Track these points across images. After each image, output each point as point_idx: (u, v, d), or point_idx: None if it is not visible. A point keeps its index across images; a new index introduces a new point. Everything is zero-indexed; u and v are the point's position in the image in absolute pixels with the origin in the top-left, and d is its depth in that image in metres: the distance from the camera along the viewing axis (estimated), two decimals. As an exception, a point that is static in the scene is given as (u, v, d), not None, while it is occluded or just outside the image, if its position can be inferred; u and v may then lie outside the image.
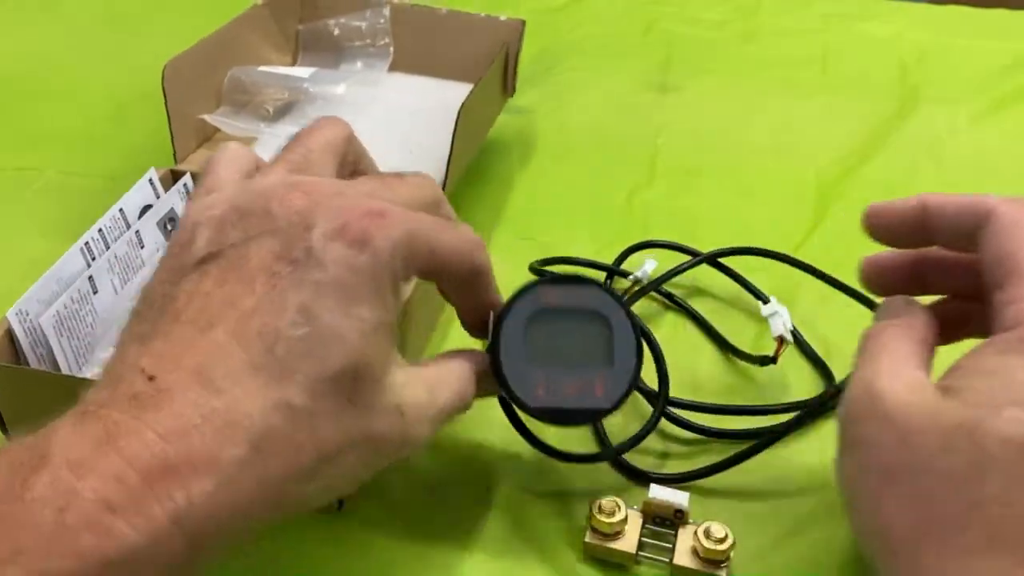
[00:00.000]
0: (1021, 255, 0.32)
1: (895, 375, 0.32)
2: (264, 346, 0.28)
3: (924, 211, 0.36)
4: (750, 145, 0.69)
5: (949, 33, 0.83)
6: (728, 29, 0.85)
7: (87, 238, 0.44)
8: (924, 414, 0.30)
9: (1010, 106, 0.73)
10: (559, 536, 0.40)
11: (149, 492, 0.25)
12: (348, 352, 0.29)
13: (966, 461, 0.29)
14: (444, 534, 0.40)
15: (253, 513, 0.28)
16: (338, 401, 0.29)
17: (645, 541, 0.39)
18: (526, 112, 0.71)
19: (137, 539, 0.25)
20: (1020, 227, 0.33)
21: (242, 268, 0.29)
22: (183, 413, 0.27)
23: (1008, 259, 0.32)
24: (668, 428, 0.45)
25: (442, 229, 0.34)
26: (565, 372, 0.37)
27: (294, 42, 0.68)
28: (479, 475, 0.43)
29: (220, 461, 0.27)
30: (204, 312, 0.29)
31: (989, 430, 0.29)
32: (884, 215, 0.37)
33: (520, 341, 0.37)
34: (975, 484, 0.28)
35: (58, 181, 0.61)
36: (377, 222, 0.31)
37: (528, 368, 0.37)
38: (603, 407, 0.37)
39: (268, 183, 0.32)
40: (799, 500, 0.42)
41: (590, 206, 0.61)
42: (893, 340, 0.34)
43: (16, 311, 0.40)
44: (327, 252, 0.29)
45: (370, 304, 0.30)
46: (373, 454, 0.31)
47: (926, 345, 0.35)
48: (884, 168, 0.66)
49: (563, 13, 0.87)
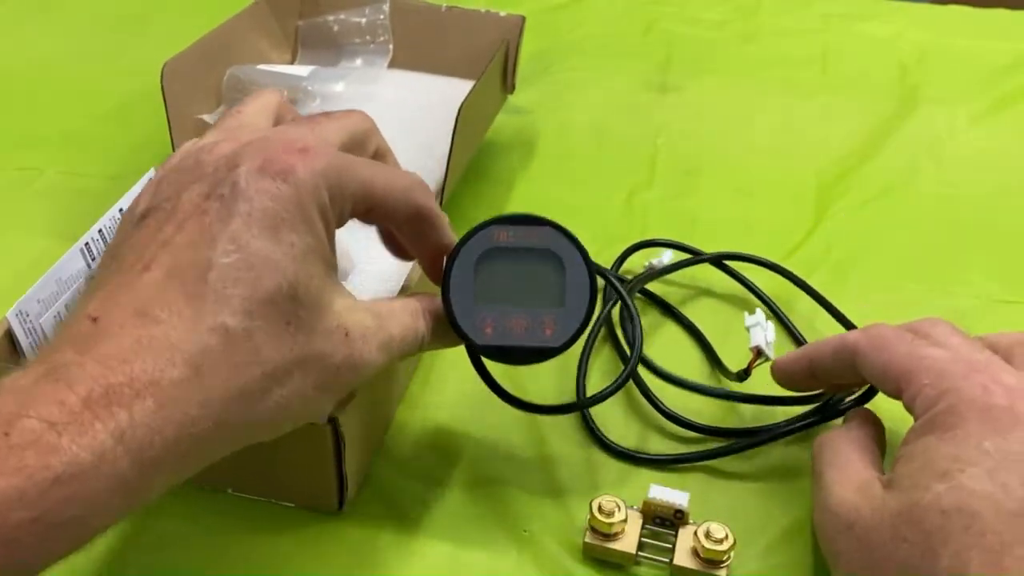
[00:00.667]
0: (894, 363, 0.37)
1: (845, 482, 0.36)
2: (197, 276, 0.29)
3: (810, 362, 0.41)
4: (750, 145, 0.69)
5: (949, 33, 0.84)
6: (728, 29, 0.85)
7: (87, 238, 0.44)
8: (872, 511, 0.33)
9: (1010, 106, 0.73)
10: (559, 536, 0.40)
11: (91, 413, 0.26)
12: (279, 274, 0.30)
13: (916, 544, 0.31)
14: (443, 534, 0.40)
15: (200, 434, 0.28)
16: (276, 322, 0.30)
17: (645, 541, 0.39)
18: (526, 112, 0.71)
19: (82, 456, 0.25)
20: (880, 348, 0.38)
21: (175, 214, 0.31)
22: (123, 343, 0.28)
23: (887, 371, 0.37)
24: (669, 427, 0.45)
25: (371, 165, 0.35)
26: (514, 311, 0.37)
27: (293, 39, 0.68)
28: (479, 475, 0.43)
29: (160, 383, 0.27)
30: (141, 257, 0.30)
31: (926, 509, 0.31)
32: (784, 370, 0.43)
33: (470, 280, 0.37)
34: (929, 562, 0.30)
35: (58, 181, 0.61)
36: (300, 156, 0.32)
37: (477, 306, 0.37)
38: (551, 346, 0.37)
39: (201, 143, 0.34)
40: (799, 500, 0.42)
41: (590, 206, 0.61)
42: (835, 450, 0.38)
43: (16, 311, 0.40)
44: (251, 185, 0.31)
45: (298, 232, 0.31)
46: (322, 374, 0.32)
47: (870, 442, 0.38)
48: (884, 168, 0.66)
49: (563, 13, 0.86)
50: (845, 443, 0.38)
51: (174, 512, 0.40)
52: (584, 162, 0.66)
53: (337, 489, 0.40)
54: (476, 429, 0.45)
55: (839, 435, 0.39)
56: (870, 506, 0.34)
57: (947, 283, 0.55)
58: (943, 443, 0.33)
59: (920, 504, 0.31)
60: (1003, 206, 0.62)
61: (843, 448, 0.38)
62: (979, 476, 0.31)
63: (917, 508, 0.31)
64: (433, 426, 0.45)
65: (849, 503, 0.35)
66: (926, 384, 0.35)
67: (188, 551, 0.39)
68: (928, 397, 0.34)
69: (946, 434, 0.33)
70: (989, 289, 0.55)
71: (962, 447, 0.32)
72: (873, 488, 0.34)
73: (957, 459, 0.32)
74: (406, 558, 0.39)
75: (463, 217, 0.58)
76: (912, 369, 0.36)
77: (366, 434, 0.41)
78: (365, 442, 0.41)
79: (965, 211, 0.61)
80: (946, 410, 0.34)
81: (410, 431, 0.45)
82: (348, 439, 0.38)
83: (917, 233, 0.59)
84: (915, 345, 0.37)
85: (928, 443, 0.33)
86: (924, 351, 0.36)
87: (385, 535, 0.40)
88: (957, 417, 0.33)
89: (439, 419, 0.45)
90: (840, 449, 0.38)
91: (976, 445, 0.32)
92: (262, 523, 0.40)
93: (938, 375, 0.35)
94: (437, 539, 0.40)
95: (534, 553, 0.39)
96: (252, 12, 0.64)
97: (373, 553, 0.39)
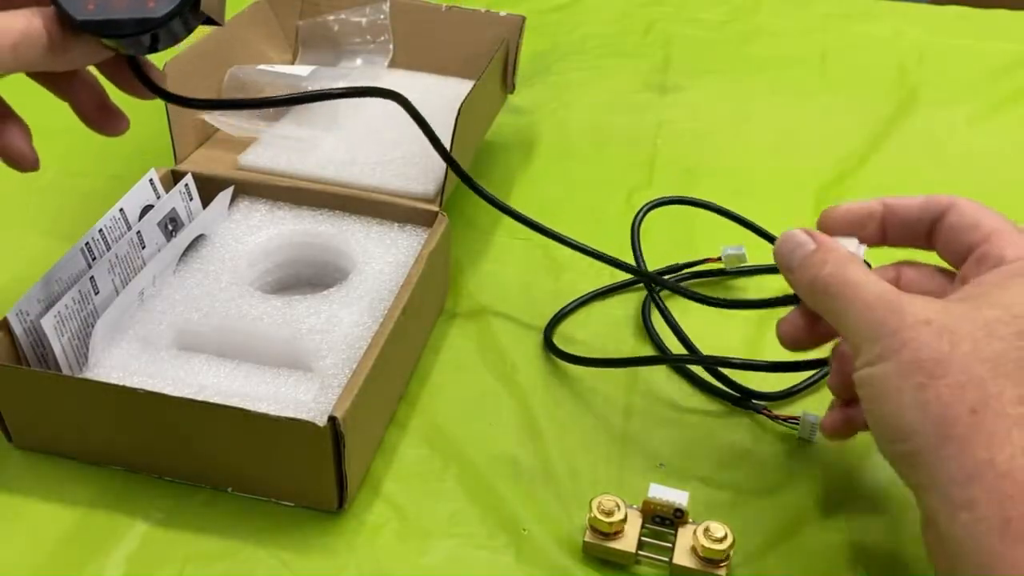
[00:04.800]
0: (987, 219, 0.37)
1: (893, 292, 0.34)
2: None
3: (887, 208, 0.40)
4: (749, 145, 0.69)
5: (949, 33, 0.84)
6: (728, 29, 0.85)
7: (87, 239, 0.44)
8: (960, 316, 0.32)
9: (1010, 106, 0.73)
10: (559, 536, 0.40)
11: None
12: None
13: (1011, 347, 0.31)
14: (443, 534, 0.40)
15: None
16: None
17: (645, 540, 0.39)
18: (526, 112, 0.71)
19: None
20: (978, 206, 0.38)
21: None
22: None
23: (978, 225, 0.37)
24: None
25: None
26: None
27: (294, 39, 0.68)
28: (478, 475, 0.43)
29: None
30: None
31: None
32: (843, 212, 0.40)
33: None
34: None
35: (59, 181, 0.61)
36: None
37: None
38: (154, 16, 0.36)
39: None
40: (799, 500, 0.42)
41: (590, 206, 0.61)
42: (861, 270, 0.36)
43: (16, 311, 0.40)
44: None
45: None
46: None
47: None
48: (883, 168, 0.66)
49: (563, 13, 0.87)
50: (859, 262, 0.36)
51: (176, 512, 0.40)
52: (584, 162, 0.66)
53: (337, 488, 0.40)
54: (475, 428, 0.45)
55: (849, 253, 0.37)
56: (953, 307, 0.33)
57: (947, 283, 0.55)
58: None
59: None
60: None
61: (861, 267, 0.36)
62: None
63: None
64: (432, 425, 0.45)
65: (920, 303, 0.33)
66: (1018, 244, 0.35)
67: (188, 550, 0.39)
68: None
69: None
70: (988, 289, 0.54)
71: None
72: (934, 300, 0.33)
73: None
74: (406, 558, 0.39)
75: (463, 217, 0.58)
76: (1003, 228, 0.36)
77: (366, 433, 0.41)
78: (365, 441, 0.41)
79: (965, 211, 0.61)
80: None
81: (409, 430, 0.45)
82: (348, 438, 0.38)
83: (917, 233, 0.59)
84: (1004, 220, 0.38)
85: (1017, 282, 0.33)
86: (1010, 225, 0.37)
87: (385, 535, 0.40)
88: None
89: (438, 418, 0.45)
90: (862, 267, 0.36)
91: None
92: (261, 523, 0.40)
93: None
94: (437, 539, 0.40)
95: (534, 553, 0.39)
96: (252, 12, 0.64)
97: (373, 553, 0.39)
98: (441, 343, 0.50)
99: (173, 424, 0.40)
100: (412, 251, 0.50)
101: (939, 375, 0.31)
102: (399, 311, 0.43)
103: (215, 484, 0.41)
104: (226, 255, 0.50)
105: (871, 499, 0.42)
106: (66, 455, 0.42)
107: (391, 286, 0.48)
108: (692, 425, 0.45)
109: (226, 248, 0.50)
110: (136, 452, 0.41)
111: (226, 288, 0.47)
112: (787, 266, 0.38)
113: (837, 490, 0.42)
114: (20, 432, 0.42)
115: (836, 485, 0.43)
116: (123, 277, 0.45)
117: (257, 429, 0.38)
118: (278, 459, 0.39)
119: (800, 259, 0.37)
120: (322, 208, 0.52)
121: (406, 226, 0.52)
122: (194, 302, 0.46)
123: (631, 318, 0.52)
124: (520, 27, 0.63)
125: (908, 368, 0.31)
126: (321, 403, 0.41)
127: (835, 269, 0.36)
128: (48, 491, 0.41)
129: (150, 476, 0.42)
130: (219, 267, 0.49)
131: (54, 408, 0.41)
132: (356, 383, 0.39)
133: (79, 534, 0.39)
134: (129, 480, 0.41)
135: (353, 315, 0.46)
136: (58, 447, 0.42)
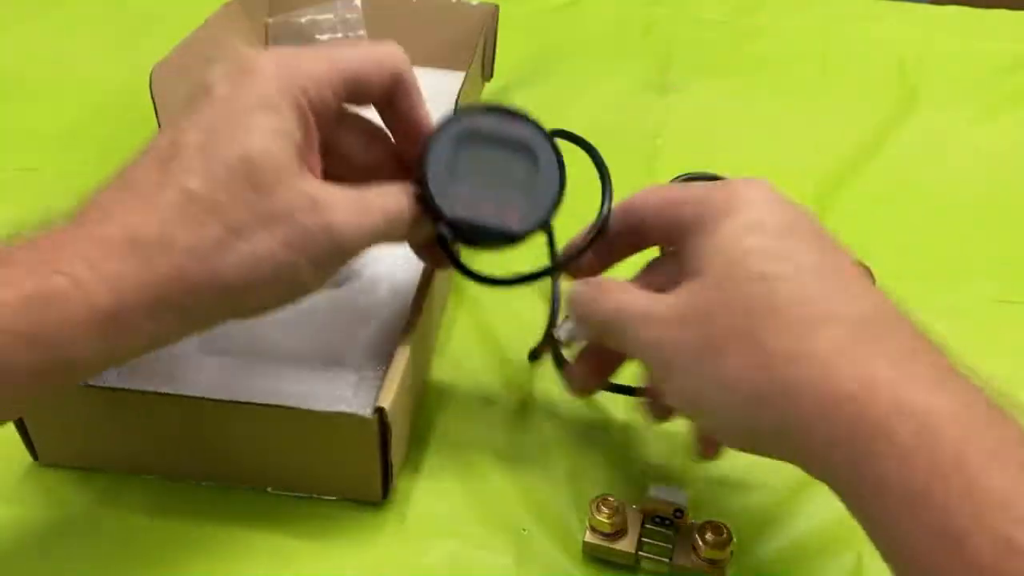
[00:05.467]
0: (647, 219, 0.39)
1: (640, 297, 0.36)
2: (169, 154, 0.33)
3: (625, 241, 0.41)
4: (749, 145, 0.69)
5: (949, 33, 0.83)
6: (728, 29, 0.85)
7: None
8: (689, 295, 0.34)
9: (1010, 106, 0.73)
10: (559, 536, 0.40)
11: (71, 251, 0.31)
12: (241, 147, 0.33)
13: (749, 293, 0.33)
14: (443, 534, 0.40)
15: (167, 283, 0.32)
16: (239, 186, 0.33)
17: (645, 541, 0.39)
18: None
19: (65, 284, 0.30)
20: (640, 203, 0.40)
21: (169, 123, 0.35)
22: (102, 201, 0.34)
23: (662, 210, 0.39)
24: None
25: (346, 44, 0.38)
26: (485, 192, 0.38)
27: (264, 36, 0.68)
28: (478, 474, 0.43)
29: (134, 237, 0.32)
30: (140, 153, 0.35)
31: (739, 268, 0.33)
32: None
33: (447, 158, 0.38)
34: (772, 299, 0.32)
35: (58, 181, 0.61)
36: (264, 55, 0.35)
37: (450, 183, 0.38)
38: (514, 230, 0.38)
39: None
40: (799, 499, 0.42)
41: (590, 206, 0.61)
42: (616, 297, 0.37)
43: None
44: (217, 80, 0.35)
45: (262, 113, 0.34)
46: (289, 233, 0.33)
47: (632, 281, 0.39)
48: (883, 168, 0.66)
49: (563, 13, 0.87)
50: (616, 286, 0.38)
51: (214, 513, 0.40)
52: (584, 162, 0.66)
53: (382, 479, 0.40)
54: (475, 428, 0.45)
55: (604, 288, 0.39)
56: (682, 296, 0.34)
57: (947, 282, 0.55)
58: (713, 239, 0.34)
59: (736, 262, 0.33)
60: (1003, 206, 0.62)
61: (615, 287, 0.38)
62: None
63: (733, 267, 0.33)
64: (432, 426, 0.45)
65: (656, 304, 0.35)
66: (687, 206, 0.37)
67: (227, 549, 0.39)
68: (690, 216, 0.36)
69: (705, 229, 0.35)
70: (989, 289, 0.55)
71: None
72: (665, 292, 0.35)
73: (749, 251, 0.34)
74: (405, 558, 0.39)
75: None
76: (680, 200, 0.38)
77: (406, 422, 0.42)
78: (404, 430, 0.42)
79: (964, 211, 0.61)
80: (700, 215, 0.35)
81: (413, 431, 0.45)
82: (394, 428, 0.38)
83: (916, 233, 0.59)
84: (674, 188, 0.40)
85: (698, 244, 0.35)
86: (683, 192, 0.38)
87: (385, 535, 0.40)
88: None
89: (438, 419, 0.45)
90: (618, 292, 0.38)
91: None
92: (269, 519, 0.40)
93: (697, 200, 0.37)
94: (437, 539, 0.40)
95: (534, 553, 0.39)
96: (227, 12, 0.64)
97: (373, 552, 0.39)
98: (441, 343, 0.50)
99: (213, 428, 0.40)
100: None
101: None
102: (424, 300, 0.43)
103: (254, 484, 0.41)
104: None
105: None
106: (95, 469, 0.42)
107: (408, 277, 0.48)
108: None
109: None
110: (171, 459, 0.41)
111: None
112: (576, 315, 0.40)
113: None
114: (47, 449, 0.42)
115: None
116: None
117: (304, 426, 0.39)
118: (324, 454, 0.40)
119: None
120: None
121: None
122: None
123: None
124: (494, 15, 0.63)
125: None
126: (360, 396, 0.42)
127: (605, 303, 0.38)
128: (85, 504, 0.41)
129: (185, 482, 0.42)
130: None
131: (84, 421, 0.41)
132: (396, 373, 0.39)
133: (118, 546, 0.39)
134: (163, 487, 0.41)
135: (376, 307, 0.46)
136: (87, 461, 0.42)
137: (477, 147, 0.38)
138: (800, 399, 0.31)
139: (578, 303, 0.39)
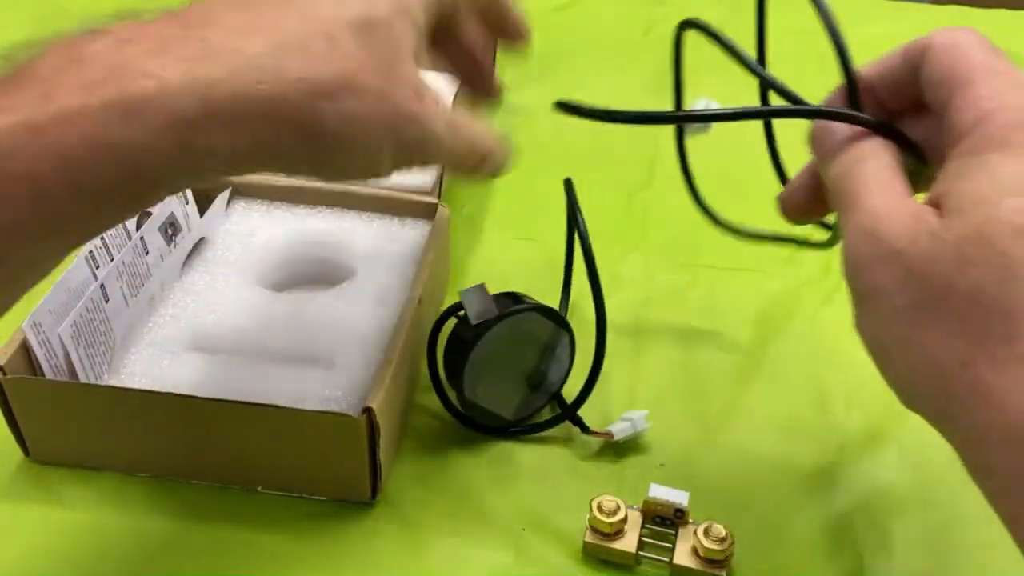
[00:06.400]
0: (958, 67, 0.33)
1: (892, 211, 0.31)
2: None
3: (868, 80, 0.40)
4: (750, 145, 0.68)
5: (949, 33, 0.83)
6: (728, 29, 0.85)
7: (91, 247, 0.44)
8: (931, 236, 0.29)
9: (1010, 106, 0.73)
10: (559, 536, 0.40)
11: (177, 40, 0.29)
12: (365, 6, 0.32)
13: (987, 269, 0.28)
14: (443, 533, 0.40)
15: (271, 113, 0.30)
16: (355, 39, 0.31)
17: (645, 541, 0.39)
18: (526, 112, 0.71)
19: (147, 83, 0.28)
20: (952, 48, 0.35)
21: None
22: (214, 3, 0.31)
23: (949, 77, 0.33)
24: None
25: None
26: (500, 381, 0.42)
27: None
28: (478, 474, 0.43)
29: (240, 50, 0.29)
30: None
31: (997, 228, 0.28)
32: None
33: (481, 352, 0.42)
34: (1006, 288, 0.27)
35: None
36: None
37: (473, 371, 0.42)
38: (507, 418, 0.44)
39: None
40: (799, 500, 0.42)
41: (590, 206, 0.61)
42: (874, 174, 0.33)
43: (31, 323, 0.40)
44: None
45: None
46: (389, 110, 0.32)
47: (899, 168, 0.34)
48: (884, 168, 0.66)
49: (563, 13, 0.86)
50: (883, 165, 0.33)
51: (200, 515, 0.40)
52: (584, 162, 0.66)
53: (371, 479, 0.40)
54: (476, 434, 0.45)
55: (874, 154, 0.34)
56: (927, 230, 0.29)
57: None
58: (1009, 160, 0.29)
59: (989, 224, 0.28)
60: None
61: (882, 171, 0.33)
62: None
63: (987, 228, 0.28)
64: (431, 427, 0.45)
65: (901, 229, 0.30)
66: (984, 97, 0.31)
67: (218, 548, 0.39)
68: (985, 111, 0.31)
69: (1011, 150, 0.29)
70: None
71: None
72: (926, 215, 0.30)
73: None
74: (405, 557, 0.39)
75: (462, 216, 0.58)
76: (976, 78, 0.32)
77: (394, 422, 0.42)
78: (393, 430, 0.42)
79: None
80: (1008, 124, 0.30)
81: (408, 430, 0.45)
82: (382, 428, 0.38)
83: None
84: (991, 55, 0.33)
85: (987, 160, 0.30)
86: (999, 64, 0.33)
87: (384, 535, 0.40)
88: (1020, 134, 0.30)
89: (437, 420, 0.45)
90: (879, 171, 0.33)
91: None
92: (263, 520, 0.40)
93: (1000, 90, 0.31)
94: (437, 538, 0.40)
95: (534, 553, 0.39)
96: None
97: (373, 552, 0.39)
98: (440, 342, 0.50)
99: (204, 426, 0.40)
100: (414, 243, 0.50)
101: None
102: (416, 301, 0.43)
103: (244, 484, 0.41)
104: (230, 257, 0.50)
105: (873, 498, 0.42)
106: (86, 466, 0.42)
107: (399, 278, 0.48)
108: (692, 425, 0.45)
109: (229, 250, 0.50)
110: (162, 458, 0.41)
111: (236, 289, 0.48)
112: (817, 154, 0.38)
113: (838, 488, 0.42)
114: (38, 445, 0.42)
115: (837, 483, 0.43)
116: (130, 284, 0.45)
117: (294, 425, 0.39)
118: (313, 454, 0.40)
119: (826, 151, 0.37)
120: (319, 205, 0.53)
121: (406, 219, 0.52)
122: (206, 305, 0.47)
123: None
124: None
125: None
126: (350, 397, 0.42)
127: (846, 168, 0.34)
128: (75, 502, 0.41)
129: (176, 481, 0.42)
130: (226, 269, 0.49)
131: (77, 419, 0.41)
132: (385, 375, 0.39)
133: (112, 544, 0.39)
134: (154, 485, 0.42)
135: (367, 309, 0.47)
136: (78, 459, 0.42)
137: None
138: (984, 412, 0.28)
139: (821, 147, 0.37)
